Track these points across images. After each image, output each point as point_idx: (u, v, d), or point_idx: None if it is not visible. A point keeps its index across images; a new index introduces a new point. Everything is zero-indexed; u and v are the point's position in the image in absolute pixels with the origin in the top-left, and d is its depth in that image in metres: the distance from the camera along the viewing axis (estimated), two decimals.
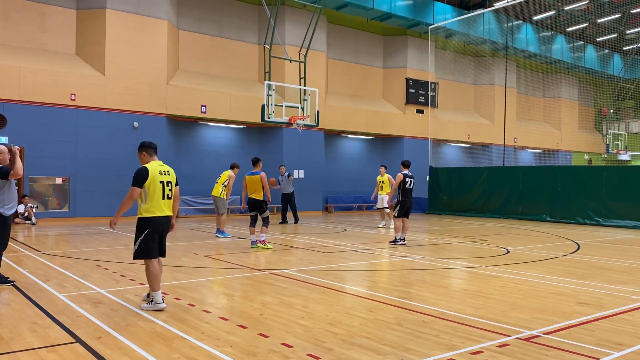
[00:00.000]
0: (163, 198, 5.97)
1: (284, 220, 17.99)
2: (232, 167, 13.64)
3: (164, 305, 5.77)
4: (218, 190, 13.22)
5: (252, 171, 11.17)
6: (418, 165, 25.78)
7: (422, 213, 23.40)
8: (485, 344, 4.61)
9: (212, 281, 7.59)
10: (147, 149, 6.21)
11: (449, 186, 23.22)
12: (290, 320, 5.37)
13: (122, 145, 18.42)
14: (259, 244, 11.09)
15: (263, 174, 11.00)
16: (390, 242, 12.16)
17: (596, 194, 18.10)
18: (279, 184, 17.59)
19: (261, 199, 11.02)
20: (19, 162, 6.76)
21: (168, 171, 6.22)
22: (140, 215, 5.88)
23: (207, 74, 21.13)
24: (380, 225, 16.66)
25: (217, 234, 13.17)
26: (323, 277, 7.80)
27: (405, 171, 12.08)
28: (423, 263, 9.39)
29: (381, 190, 16.60)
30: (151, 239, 5.84)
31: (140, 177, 5.88)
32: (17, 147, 6.97)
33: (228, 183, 13.26)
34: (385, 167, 17.08)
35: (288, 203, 17.95)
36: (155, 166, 6.09)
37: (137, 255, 5.91)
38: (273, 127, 22.06)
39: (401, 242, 11.82)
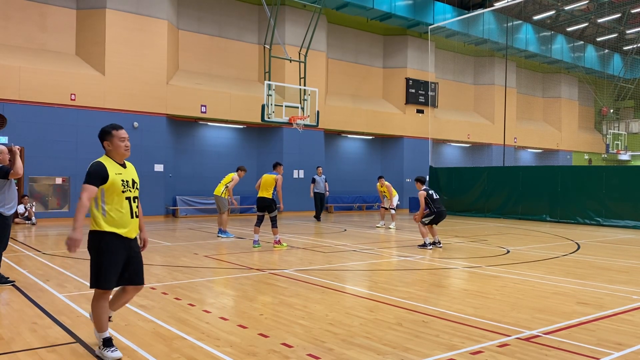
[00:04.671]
0: None
1: (318, 218, 19.31)
2: (237, 170, 13.64)
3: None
4: (220, 189, 13.27)
5: (273, 172, 11.49)
6: (418, 165, 25.86)
7: None
8: (485, 344, 4.61)
9: (212, 281, 7.59)
10: None
11: (449, 186, 23.22)
12: (290, 320, 5.37)
13: None
14: (274, 245, 11.22)
15: (280, 176, 11.28)
16: (419, 245, 11.49)
17: (596, 194, 18.10)
18: (313, 182, 19.41)
19: (270, 197, 11.23)
20: (19, 162, 6.79)
21: None
22: None
23: (207, 74, 21.13)
24: (379, 225, 16.68)
25: (219, 234, 13.18)
26: (323, 277, 7.80)
27: (425, 187, 11.52)
28: (423, 263, 9.39)
29: (387, 198, 16.92)
30: None
31: None
32: (17, 147, 6.99)
33: (230, 184, 13.26)
34: (383, 177, 17.22)
35: (320, 201, 19.34)
36: None
37: None
38: (273, 127, 22.06)
39: (432, 246, 11.25)
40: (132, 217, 4.29)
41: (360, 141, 26.41)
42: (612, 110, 38.28)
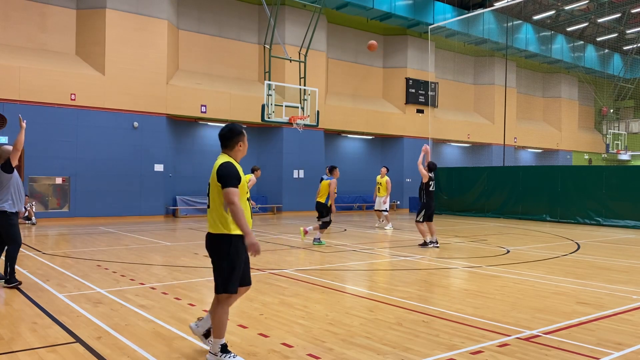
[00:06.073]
0: (208, 206, 4.30)
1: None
2: (253, 171, 13.75)
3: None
4: None
5: (327, 177, 12.12)
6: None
7: None
8: (485, 344, 4.61)
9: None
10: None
11: (449, 186, 23.22)
12: (290, 320, 5.37)
13: (122, 145, 18.42)
14: (314, 241, 11.71)
15: (333, 180, 11.82)
16: (419, 244, 11.48)
17: (596, 194, 18.10)
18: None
19: (324, 202, 11.84)
20: (21, 136, 6.84)
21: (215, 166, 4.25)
22: None
23: (207, 74, 21.12)
24: (377, 225, 16.62)
25: None
26: (323, 277, 7.80)
27: (431, 174, 11.46)
28: (423, 263, 9.39)
29: (379, 192, 16.56)
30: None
31: None
32: (25, 122, 7.05)
33: (249, 185, 13.28)
34: (387, 169, 16.99)
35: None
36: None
37: None
38: (273, 127, 22.06)
39: (432, 245, 11.32)
40: (251, 217, 4.25)
41: (360, 141, 26.41)
42: (612, 110, 38.28)
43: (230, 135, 4.22)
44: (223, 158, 4.18)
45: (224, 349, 4.14)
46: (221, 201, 4.08)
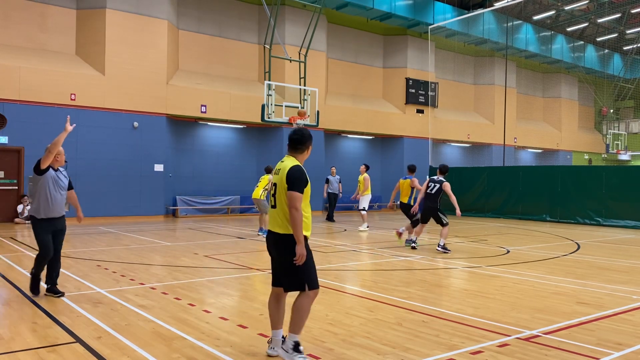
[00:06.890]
0: (273, 206, 4.34)
1: (330, 219, 19.03)
2: (268, 171, 14.08)
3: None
4: (258, 193, 13.65)
5: (407, 175, 11.96)
6: (418, 165, 25.72)
7: None
8: (485, 344, 4.61)
9: (212, 281, 7.59)
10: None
11: None
12: None
13: (122, 145, 18.41)
14: (411, 244, 11.46)
15: (414, 179, 11.74)
16: (411, 247, 11.37)
17: (596, 194, 18.11)
18: (327, 182, 19.14)
19: (406, 202, 11.75)
20: (59, 137, 6.21)
21: (279, 169, 4.31)
22: None
23: (207, 74, 21.12)
24: (361, 228, 15.81)
25: (259, 232, 13.78)
26: (323, 277, 7.79)
27: (435, 176, 11.44)
28: (423, 263, 9.39)
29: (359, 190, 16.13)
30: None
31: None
32: (72, 126, 6.37)
33: (268, 186, 13.34)
34: (367, 167, 16.30)
35: (334, 202, 19.26)
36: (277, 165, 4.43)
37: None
38: (273, 127, 22.06)
39: (412, 243, 11.31)
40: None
41: (360, 141, 26.41)
42: (612, 110, 38.29)
43: (303, 139, 4.32)
44: (292, 161, 4.26)
45: (297, 347, 4.15)
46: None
